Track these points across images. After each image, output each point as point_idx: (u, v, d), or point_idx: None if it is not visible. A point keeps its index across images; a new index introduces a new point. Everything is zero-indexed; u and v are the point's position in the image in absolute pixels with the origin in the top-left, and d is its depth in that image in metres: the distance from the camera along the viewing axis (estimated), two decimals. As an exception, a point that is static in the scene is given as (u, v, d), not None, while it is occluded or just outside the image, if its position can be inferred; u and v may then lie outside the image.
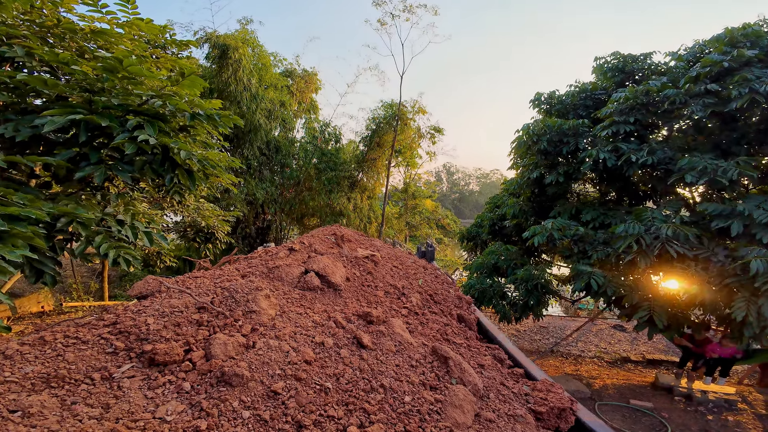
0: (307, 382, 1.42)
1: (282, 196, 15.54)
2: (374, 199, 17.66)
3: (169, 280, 1.93)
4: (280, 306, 1.88)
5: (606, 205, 6.64)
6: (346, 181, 15.96)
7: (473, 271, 7.80)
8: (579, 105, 7.60)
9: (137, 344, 1.43)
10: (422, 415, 1.41)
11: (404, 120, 15.73)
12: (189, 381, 1.33)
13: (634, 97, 5.85)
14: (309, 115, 18.01)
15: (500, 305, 6.73)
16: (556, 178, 6.52)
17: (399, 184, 23.38)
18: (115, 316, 1.55)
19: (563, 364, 8.65)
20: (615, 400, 6.54)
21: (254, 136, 13.59)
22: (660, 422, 5.86)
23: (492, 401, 1.68)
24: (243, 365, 1.38)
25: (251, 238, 15.67)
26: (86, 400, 1.16)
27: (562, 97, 7.88)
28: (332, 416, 1.30)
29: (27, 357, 1.27)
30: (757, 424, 5.88)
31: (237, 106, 12.44)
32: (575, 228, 5.70)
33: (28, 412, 1.06)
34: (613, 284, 5.12)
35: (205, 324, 1.60)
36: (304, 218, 17.04)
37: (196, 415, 1.19)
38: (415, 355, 1.80)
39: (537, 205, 7.68)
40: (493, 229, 9.14)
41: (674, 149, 5.57)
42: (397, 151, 16.54)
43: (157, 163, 2.61)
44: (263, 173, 15.22)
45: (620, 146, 5.67)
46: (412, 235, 24.42)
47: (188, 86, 2.88)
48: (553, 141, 6.57)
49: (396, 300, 2.46)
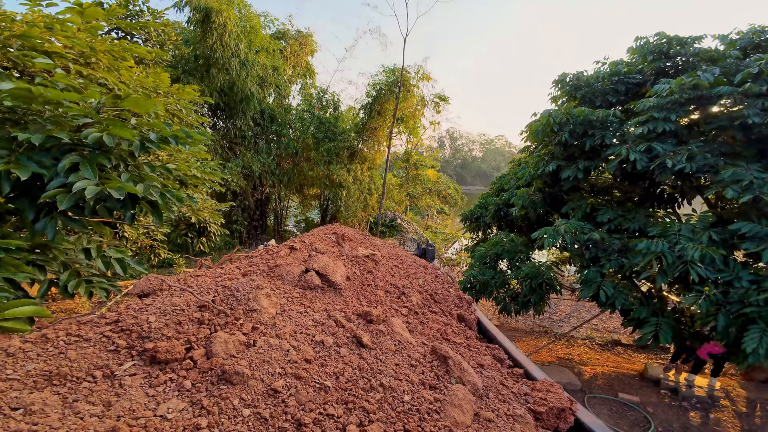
0: (307, 380, 1.43)
1: (279, 168, 14.83)
2: (375, 169, 16.87)
3: (170, 278, 1.94)
4: (280, 305, 1.88)
5: (624, 205, 5.97)
6: (345, 152, 15.14)
7: (476, 261, 7.53)
8: (609, 90, 6.57)
9: (139, 342, 1.44)
10: (421, 414, 1.42)
11: (407, 87, 14.66)
12: (190, 379, 1.34)
13: (680, 90, 4.96)
14: (305, 80, 16.92)
15: (501, 297, 6.52)
16: (574, 174, 5.77)
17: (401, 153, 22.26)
18: (117, 314, 1.56)
19: (556, 346, 8.75)
20: (604, 392, 6.64)
21: (247, 106, 12.83)
22: (644, 417, 5.96)
23: (491, 401, 1.68)
24: (243, 363, 1.39)
25: (250, 210, 15.26)
26: (88, 398, 1.17)
27: (590, 80, 6.83)
28: (332, 415, 1.30)
29: (29, 355, 1.27)
30: (736, 422, 5.94)
31: (225, 73, 11.65)
32: (589, 233, 5.21)
33: (30, 409, 1.06)
34: (623, 296, 4.81)
35: (206, 322, 1.61)
36: (303, 188, 16.46)
37: (196, 413, 1.20)
38: (415, 354, 1.80)
39: (549, 197, 6.97)
40: (498, 214, 8.50)
41: (716, 154, 4.80)
42: (399, 120, 15.51)
43: (112, 200, 2.02)
44: (258, 144, 14.47)
45: (655, 147, 4.93)
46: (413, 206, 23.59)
47: (133, 105, 2.16)
48: (577, 133, 5.78)
49: (396, 299, 2.47)
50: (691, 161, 4.65)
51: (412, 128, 16.78)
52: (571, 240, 5.15)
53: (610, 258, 4.98)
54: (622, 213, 5.54)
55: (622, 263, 4.84)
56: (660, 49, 6.40)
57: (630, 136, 5.36)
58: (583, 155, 6.01)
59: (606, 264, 4.97)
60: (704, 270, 4.03)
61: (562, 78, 7.24)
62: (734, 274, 4.06)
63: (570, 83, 7.09)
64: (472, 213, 9.64)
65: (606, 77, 6.73)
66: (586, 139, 5.72)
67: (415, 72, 14.92)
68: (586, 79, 6.92)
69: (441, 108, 16.03)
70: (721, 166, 4.57)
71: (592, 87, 6.72)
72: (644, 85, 6.49)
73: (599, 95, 6.61)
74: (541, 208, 6.79)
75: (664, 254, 4.23)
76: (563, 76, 7.24)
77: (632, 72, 6.68)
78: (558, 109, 6.09)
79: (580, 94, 6.80)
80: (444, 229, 22.72)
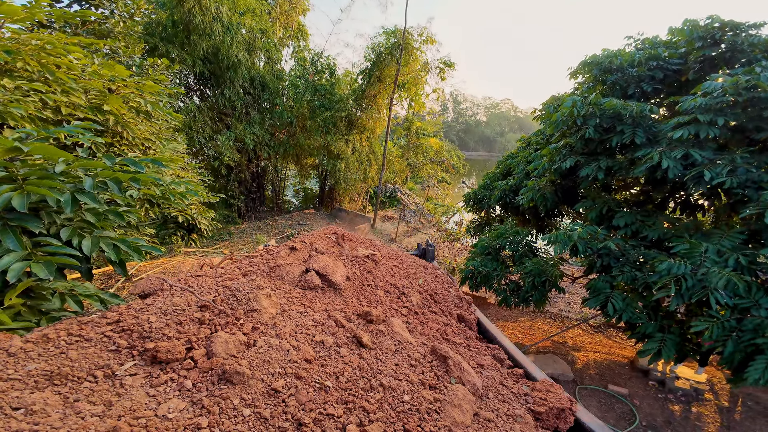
0: (307, 380, 1.43)
1: (274, 138, 14.12)
2: (374, 139, 16.08)
3: (172, 278, 1.94)
4: (281, 305, 1.89)
5: (644, 207, 5.42)
6: (343, 121, 14.38)
7: (478, 252, 7.24)
8: (645, 77, 5.71)
9: (140, 342, 1.44)
10: (421, 414, 1.42)
11: (409, 50, 13.54)
12: (190, 379, 1.34)
13: (735, 92, 4.29)
14: (297, 43, 15.76)
15: (502, 289, 6.31)
16: (594, 173, 5.16)
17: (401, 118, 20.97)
18: (118, 314, 1.56)
19: (551, 327, 8.88)
20: (596, 382, 6.75)
21: (234, 74, 11.96)
22: (631, 410, 6.06)
23: (491, 401, 1.68)
24: (244, 363, 1.39)
25: (247, 182, 14.81)
26: (89, 398, 1.18)
27: (624, 65, 5.97)
28: (332, 414, 1.31)
29: (30, 354, 1.28)
30: (716, 417, 5.98)
31: (208, 39, 10.77)
32: (604, 240, 4.81)
33: (31, 409, 1.07)
34: (631, 308, 4.53)
35: (206, 322, 1.62)
36: (301, 158, 15.93)
37: (197, 413, 1.20)
38: (415, 354, 1.81)
39: (561, 190, 6.41)
40: (503, 201, 7.89)
41: (762, 167, 4.25)
42: (400, 86, 14.47)
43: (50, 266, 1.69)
44: (251, 115, 13.57)
45: (693, 154, 4.35)
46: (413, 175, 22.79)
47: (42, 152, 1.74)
48: (602, 127, 5.17)
49: (396, 299, 2.47)
50: (733, 175, 4.08)
51: (414, 95, 15.72)
52: (583, 247, 4.78)
53: (623, 270, 4.61)
54: (641, 218, 5.03)
55: (635, 276, 4.49)
56: (712, 35, 5.42)
57: (663, 137, 4.74)
58: (605, 152, 5.45)
59: (618, 276, 4.64)
60: (724, 297, 3.77)
61: (592, 59, 6.32)
62: (754, 301, 3.75)
63: (599, 66, 6.16)
64: (476, 194, 9.00)
65: (643, 62, 5.79)
66: (613, 135, 5.05)
67: (419, 34, 13.71)
68: (620, 64, 6.02)
69: (446, 74, 14.85)
70: (765, 183, 4.01)
71: (625, 73, 5.89)
72: (684, 74, 5.74)
73: (633, 82, 5.79)
74: (551, 202, 6.30)
75: (685, 277, 3.91)
76: (594, 58, 6.32)
77: (674, 57, 5.78)
78: (583, 99, 5.38)
79: (610, 79, 6.02)
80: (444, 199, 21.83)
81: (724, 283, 3.73)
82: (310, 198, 20.68)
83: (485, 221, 9.29)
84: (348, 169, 14.73)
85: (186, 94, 13.08)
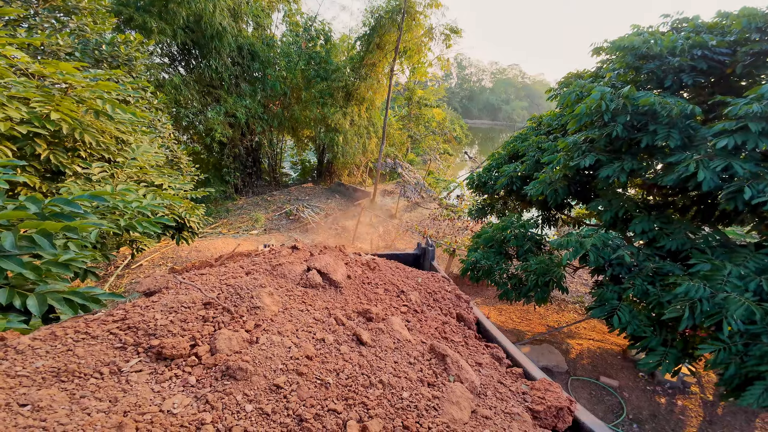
0: (308, 376, 1.46)
1: (267, 111, 13.38)
2: (374, 110, 15.21)
3: (177, 276, 1.97)
4: (282, 303, 1.91)
5: (663, 212, 4.91)
6: (340, 92, 13.53)
7: (480, 244, 7.04)
8: (686, 66, 4.96)
9: (145, 339, 1.47)
10: (420, 410, 1.45)
11: (412, 14, 12.44)
12: (195, 375, 1.37)
13: None
14: (288, 6, 14.45)
15: (503, 283, 6.15)
16: (616, 175, 4.65)
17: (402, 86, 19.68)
18: (124, 311, 1.59)
19: (547, 311, 8.96)
20: (588, 373, 6.84)
21: (220, 44, 11.22)
22: (619, 402, 6.16)
23: (489, 399, 1.71)
24: (247, 360, 1.42)
25: (242, 157, 14.22)
26: (95, 394, 1.21)
27: (664, 52, 5.14)
28: (332, 410, 1.34)
29: (38, 352, 1.31)
30: (700, 412, 6.05)
31: (188, 6, 10.02)
32: (617, 249, 4.48)
33: (38, 405, 1.10)
34: (637, 321, 4.33)
35: (210, 320, 1.64)
36: (297, 130, 15.27)
37: (201, 408, 1.23)
38: (414, 352, 1.83)
39: (575, 185, 5.96)
40: (510, 188, 7.43)
41: None
42: (401, 53, 13.44)
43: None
44: (241, 87, 12.76)
45: (735, 166, 3.83)
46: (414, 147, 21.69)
47: None
48: (632, 123, 4.63)
49: (395, 298, 2.49)
50: None
51: (416, 63, 14.66)
52: (595, 257, 4.43)
53: (635, 282, 4.32)
54: (660, 226, 4.60)
55: (647, 290, 4.22)
56: None
57: (701, 142, 4.24)
58: (630, 151, 4.93)
59: (629, 289, 4.40)
60: (737, 324, 3.61)
61: (626, 42, 5.40)
62: (765, 328, 3.57)
63: (634, 51, 5.35)
64: (480, 177, 8.46)
65: (686, 50, 5.00)
66: (644, 135, 4.50)
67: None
68: (659, 51, 5.18)
69: (452, 42, 13.91)
70: None
71: (664, 62, 5.13)
72: (730, 66, 5.06)
73: (671, 73, 5.06)
74: (562, 197, 5.91)
75: (701, 300, 3.68)
76: (630, 42, 5.37)
77: (722, 46, 4.97)
78: (613, 91, 4.77)
79: (647, 68, 5.31)
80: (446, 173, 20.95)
81: (742, 312, 3.48)
82: (308, 170, 19.85)
83: (488, 204, 8.87)
84: (346, 143, 13.96)
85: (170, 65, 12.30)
